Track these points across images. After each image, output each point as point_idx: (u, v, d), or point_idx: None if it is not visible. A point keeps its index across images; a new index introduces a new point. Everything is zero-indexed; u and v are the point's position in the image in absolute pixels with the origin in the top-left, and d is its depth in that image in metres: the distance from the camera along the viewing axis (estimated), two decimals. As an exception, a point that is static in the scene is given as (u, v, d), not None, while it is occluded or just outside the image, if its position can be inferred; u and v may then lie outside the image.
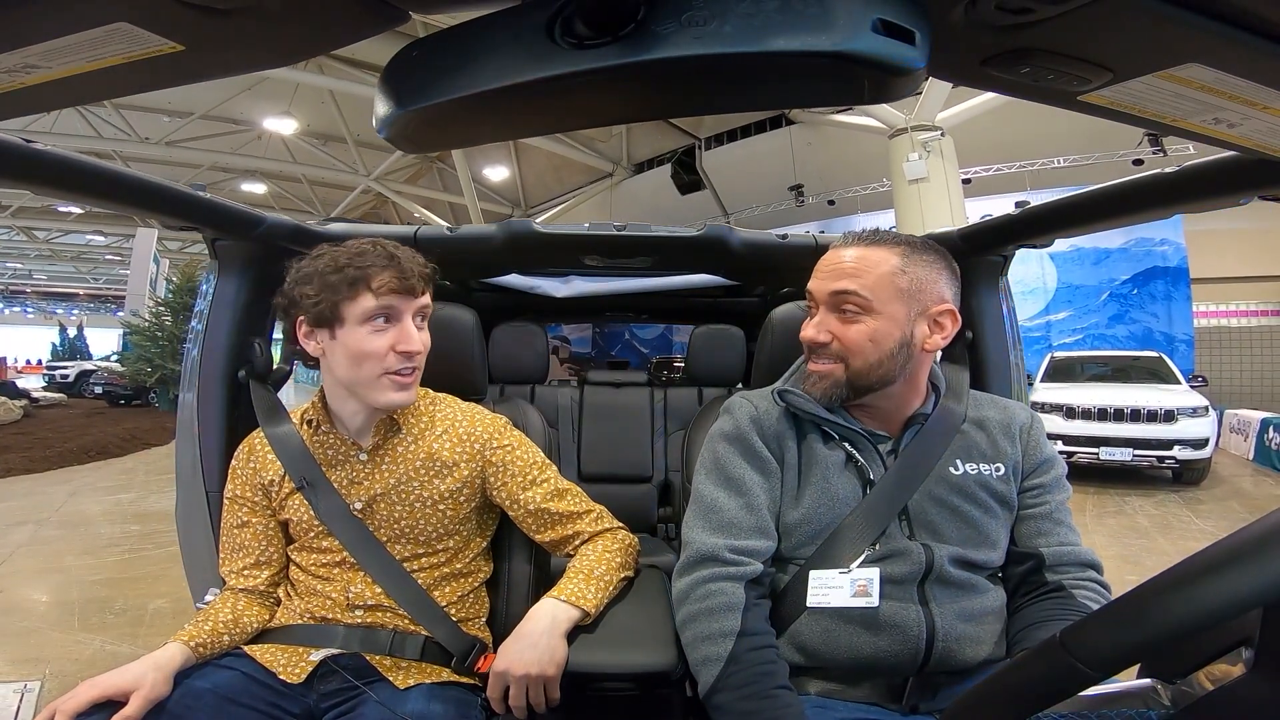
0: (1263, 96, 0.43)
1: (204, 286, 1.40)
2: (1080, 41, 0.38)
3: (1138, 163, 9.11)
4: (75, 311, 31.82)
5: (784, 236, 1.57)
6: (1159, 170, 0.90)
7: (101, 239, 24.71)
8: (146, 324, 12.55)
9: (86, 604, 3.30)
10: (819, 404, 1.02)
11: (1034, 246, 1.33)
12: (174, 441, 1.43)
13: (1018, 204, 1.23)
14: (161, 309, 12.74)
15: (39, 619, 3.13)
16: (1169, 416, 6.23)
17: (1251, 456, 7.97)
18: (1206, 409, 6.35)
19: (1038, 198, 1.29)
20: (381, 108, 0.41)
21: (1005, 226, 1.28)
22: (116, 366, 13.79)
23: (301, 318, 1.06)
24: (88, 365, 16.66)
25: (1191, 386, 6.89)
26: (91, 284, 32.46)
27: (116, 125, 13.61)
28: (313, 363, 1.10)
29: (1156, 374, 7.12)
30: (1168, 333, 9.87)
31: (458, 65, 0.38)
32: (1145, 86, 0.42)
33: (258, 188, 17.31)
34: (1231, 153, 0.66)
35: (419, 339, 1.07)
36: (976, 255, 1.40)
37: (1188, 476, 6.39)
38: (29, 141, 0.84)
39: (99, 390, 13.83)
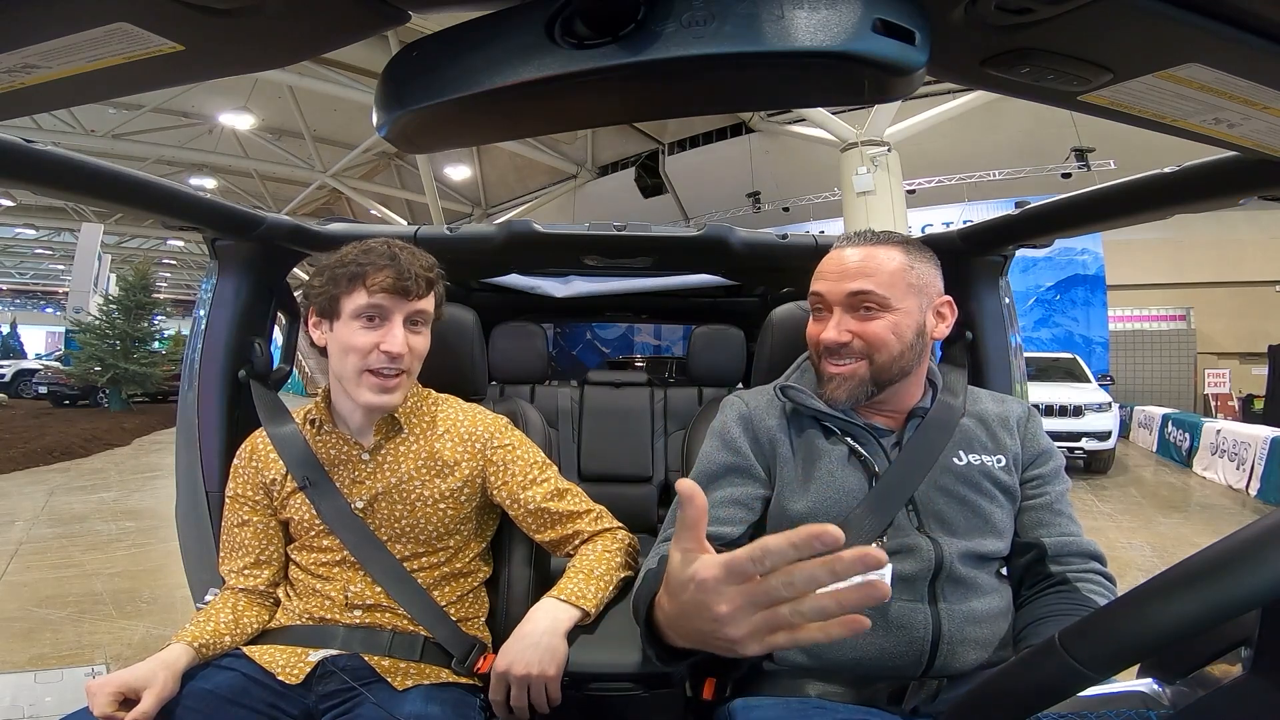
0: (1263, 96, 0.43)
1: (204, 286, 1.40)
2: (1080, 41, 0.38)
3: (1066, 176, 9.98)
4: (0, 308, 30.68)
5: (784, 236, 1.57)
6: (1159, 170, 0.90)
7: (32, 232, 23.54)
8: (96, 322, 12.27)
9: (115, 595, 3.38)
10: (824, 402, 1.03)
11: (1034, 247, 1.33)
12: (137, 442, 1.44)
13: (1017, 204, 1.23)
14: (112, 306, 12.45)
15: (76, 609, 3.19)
16: (1077, 411, 6.92)
17: (1155, 449, 8.74)
18: (1110, 404, 7.05)
19: (975, 209, 1.32)
20: (381, 108, 0.41)
21: (1005, 227, 1.28)
22: (60, 365, 13.35)
23: (312, 307, 1.09)
24: (27, 364, 16.17)
25: (1100, 385, 7.55)
26: (18, 279, 30.97)
27: (59, 117, 13.23)
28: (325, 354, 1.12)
29: (1071, 373, 7.83)
30: (1086, 335, 10.72)
31: (458, 65, 0.38)
32: (1145, 86, 0.42)
33: (207, 182, 16.72)
34: (1231, 153, 0.66)
35: (402, 341, 1.05)
36: (976, 255, 1.40)
37: (1095, 465, 7.03)
38: (29, 141, 0.84)
39: (42, 390, 13.48)
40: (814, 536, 0.52)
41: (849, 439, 1.02)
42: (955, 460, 1.01)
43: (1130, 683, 0.61)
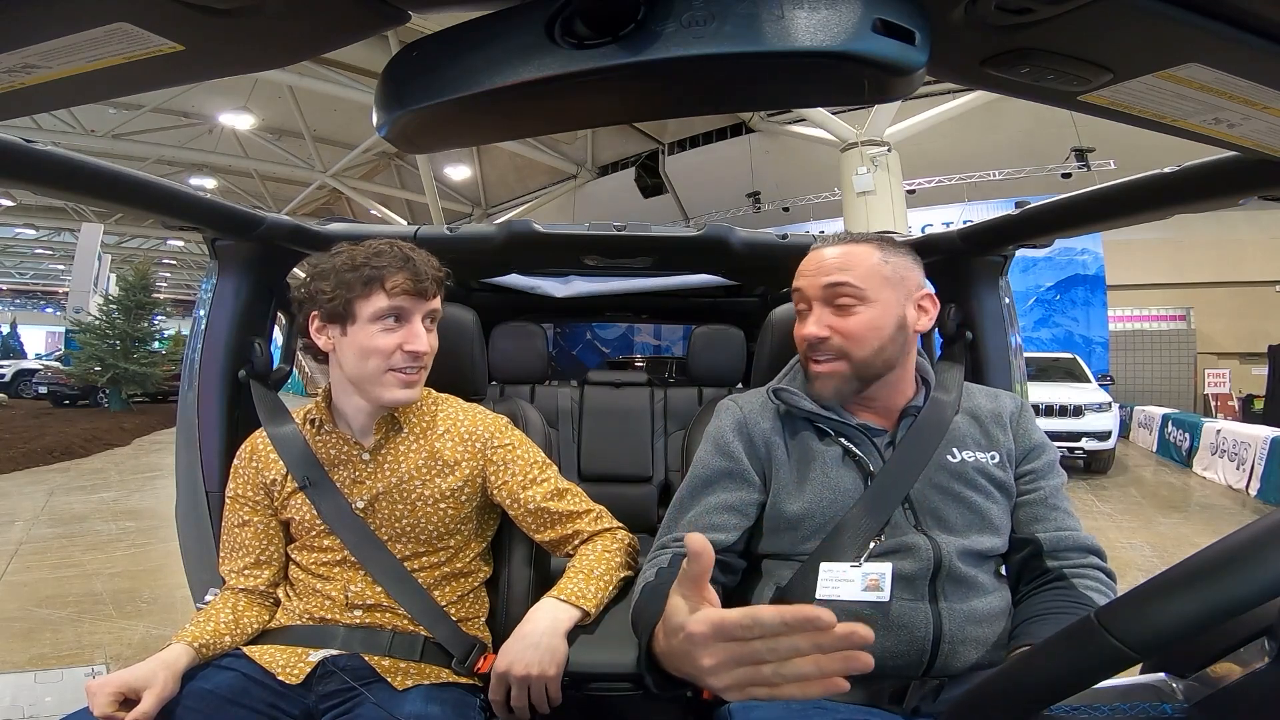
0: (1263, 96, 0.43)
1: (204, 286, 1.40)
2: (1080, 41, 0.38)
3: (1066, 176, 9.98)
4: (0, 308, 30.69)
5: (784, 236, 1.57)
6: (1159, 170, 0.90)
7: (32, 232, 23.60)
8: (96, 322, 12.26)
9: (116, 595, 3.38)
10: (817, 402, 1.04)
11: (1033, 247, 1.33)
12: (137, 442, 1.43)
13: (1017, 204, 1.23)
14: (112, 306, 12.43)
15: (76, 609, 3.19)
16: (1077, 411, 6.91)
17: (1155, 449, 8.72)
18: (1110, 404, 7.05)
19: (975, 209, 1.32)
20: (381, 108, 0.41)
21: (1005, 227, 1.28)
22: (60, 365, 13.35)
23: (315, 313, 1.07)
24: (27, 364, 16.18)
25: (1100, 385, 7.56)
26: (18, 279, 30.98)
27: (59, 117, 13.27)
28: (323, 358, 1.11)
29: (1071, 373, 7.83)
30: (1086, 335, 10.73)
31: (458, 65, 0.38)
32: (1145, 86, 0.42)
33: (207, 182, 16.75)
34: (1231, 153, 0.66)
35: (426, 340, 1.08)
36: (976, 255, 1.40)
37: (1095, 465, 7.03)
38: (29, 141, 0.84)
39: (42, 390, 13.48)
40: (807, 620, 0.54)
41: (843, 440, 1.03)
42: (949, 458, 1.02)
43: (1142, 677, 0.61)
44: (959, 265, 1.42)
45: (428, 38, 0.39)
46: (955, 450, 1.02)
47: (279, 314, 1.49)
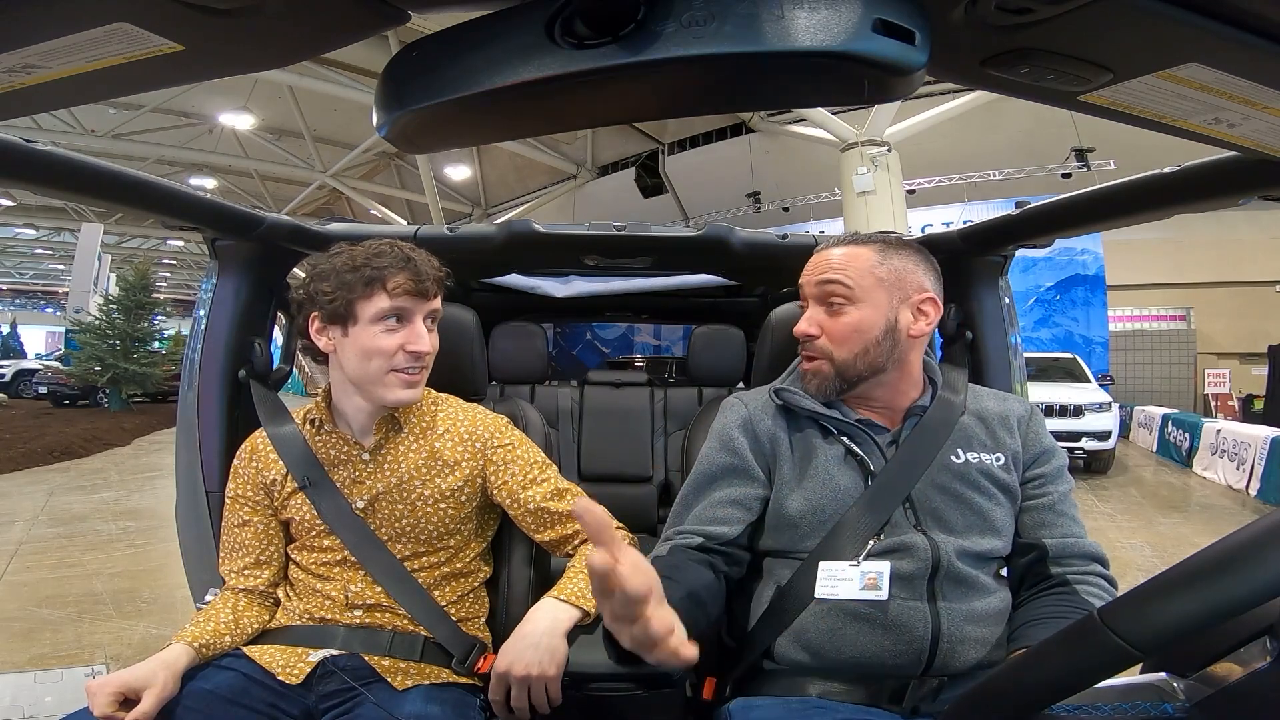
0: (1263, 96, 0.43)
1: (204, 286, 1.40)
2: (1080, 41, 0.38)
3: (1066, 176, 10.00)
4: (0, 308, 30.81)
5: (784, 236, 1.57)
6: (1159, 170, 0.90)
7: (32, 232, 23.68)
8: (96, 322, 12.28)
9: (116, 595, 3.38)
10: (816, 400, 1.05)
11: (1034, 247, 1.33)
12: (137, 442, 1.43)
13: (1017, 204, 1.23)
14: (112, 306, 12.45)
15: (76, 609, 3.19)
16: (1077, 411, 6.93)
17: (1155, 449, 8.73)
18: (1110, 404, 7.07)
19: (975, 209, 1.32)
20: (381, 108, 0.41)
21: (1005, 227, 1.28)
22: (60, 365, 13.37)
23: (315, 314, 1.07)
24: (27, 364, 16.24)
25: (1100, 385, 7.59)
26: (18, 279, 31.06)
27: (59, 117, 13.29)
28: (322, 359, 1.11)
29: (1071, 373, 7.86)
30: (1086, 335, 10.75)
31: (458, 65, 0.38)
32: (1145, 86, 0.42)
33: (207, 182, 16.73)
34: (1231, 153, 0.66)
35: (428, 340, 1.08)
36: (976, 255, 1.40)
37: (1095, 466, 7.04)
38: (29, 141, 0.84)
39: (42, 390, 13.51)
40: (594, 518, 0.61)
41: (845, 438, 1.03)
42: (953, 458, 1.01)
43: (1143, 676, 0.61)
44: (959, 265, 1.42)
45: (428, 38, 0.39)
46: (960, 451, 1.02)
47: (279, 314, 1.50)
